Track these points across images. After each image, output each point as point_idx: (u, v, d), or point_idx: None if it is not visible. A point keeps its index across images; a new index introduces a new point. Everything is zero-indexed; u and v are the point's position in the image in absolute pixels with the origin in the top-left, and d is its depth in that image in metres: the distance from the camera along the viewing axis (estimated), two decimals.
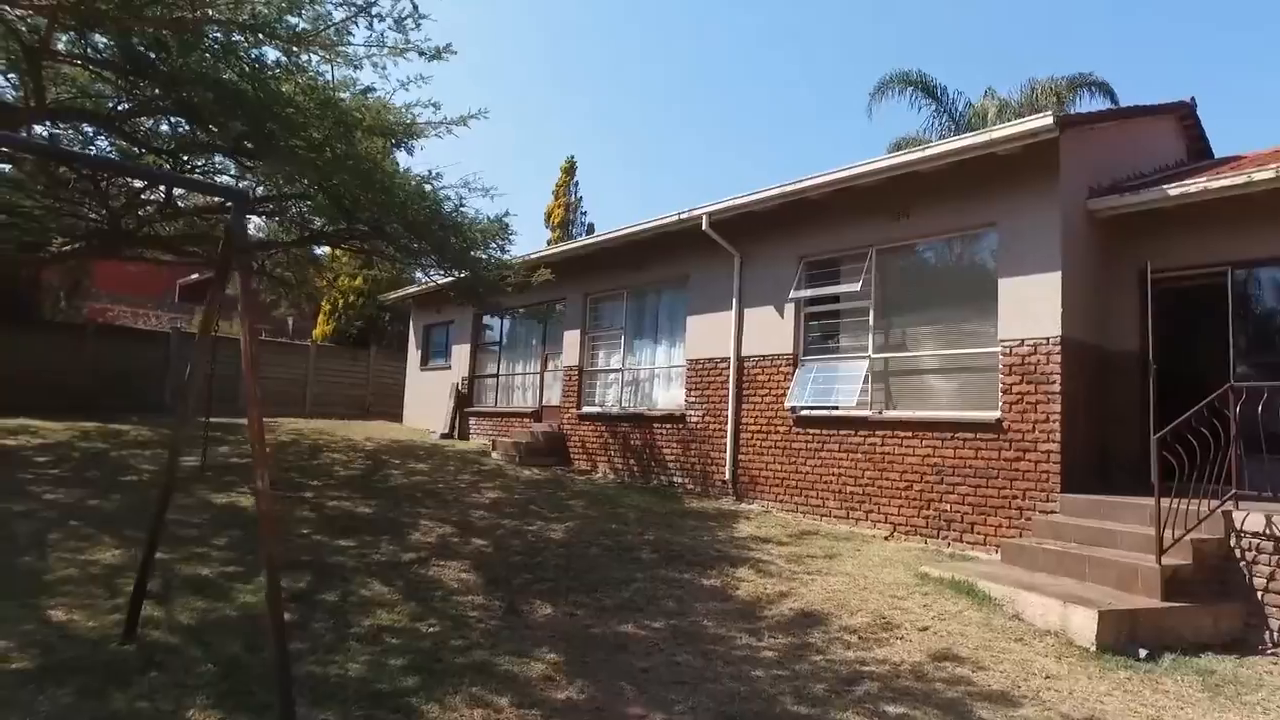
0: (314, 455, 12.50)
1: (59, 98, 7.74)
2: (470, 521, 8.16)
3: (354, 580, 5.77)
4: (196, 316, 24.56)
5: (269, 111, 6.23)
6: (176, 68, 5.88)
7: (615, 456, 12.52)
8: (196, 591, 5.20)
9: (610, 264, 12.93)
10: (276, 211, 11.19)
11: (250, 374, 3.37)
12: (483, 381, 17.22)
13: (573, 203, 29.56)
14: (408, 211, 8.14)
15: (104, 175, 8.85)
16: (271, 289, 15.75)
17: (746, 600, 5.83)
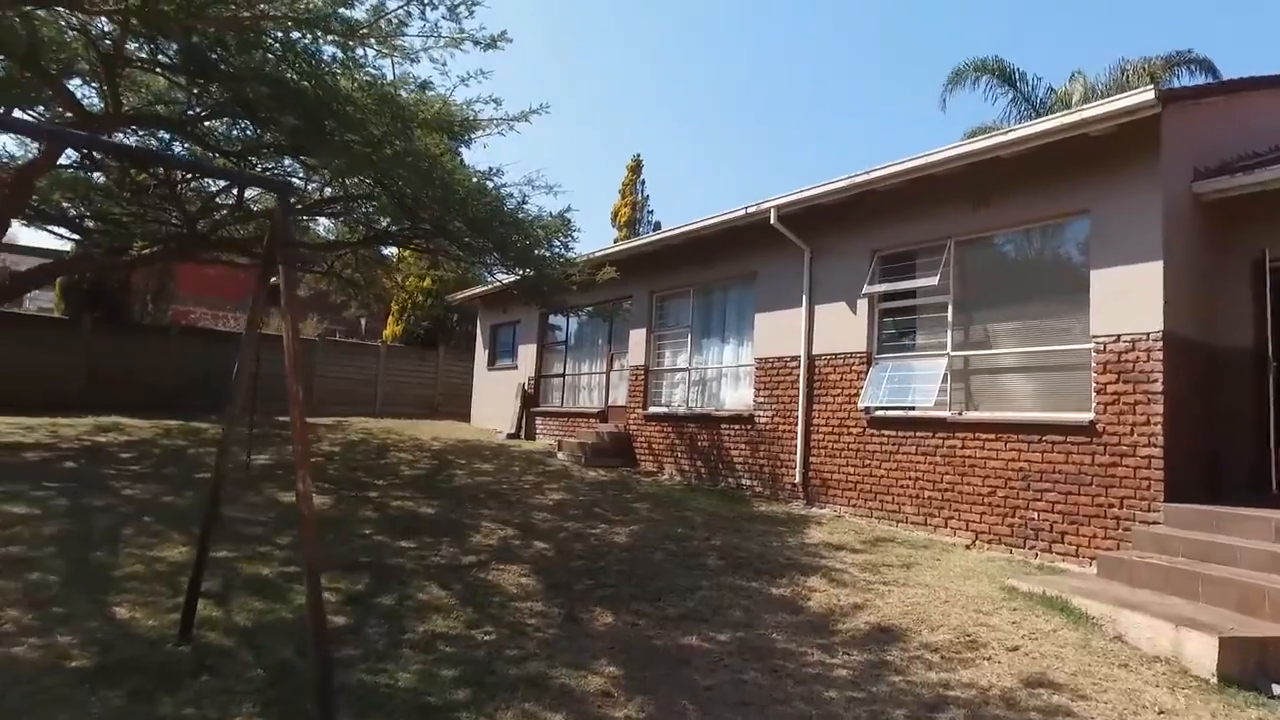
0: (381, 455, 12.61)
1: (136, 105, 7.92)
2: (533, 523, 8.02)
3: (412, 583, 5.67)
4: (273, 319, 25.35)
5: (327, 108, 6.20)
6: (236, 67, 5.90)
7: (682, 458, 12.26)
8: (255, 592, 5.16)
9: (676, 261, 12.68)
10: (343, 213, 11.31)
11: (292, 371, 3.24)
12: (549, 381, 17.18)
13: (639, 201, 29.41)
14: (468, 208, 8.06)
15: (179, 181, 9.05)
16: (341, 290, 16.03)
17: (818, 612, 5.50)
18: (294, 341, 3.28)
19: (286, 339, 3.29)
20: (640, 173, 29.85)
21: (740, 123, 64.77)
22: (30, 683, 3.62)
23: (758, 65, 61.75)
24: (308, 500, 3.21)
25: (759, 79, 62.54)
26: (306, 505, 3.21)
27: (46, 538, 6.16)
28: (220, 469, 4.34)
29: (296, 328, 3.31)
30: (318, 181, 10.06)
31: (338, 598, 5.18)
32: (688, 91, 65.04)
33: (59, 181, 10.88)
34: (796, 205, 9.96)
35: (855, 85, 59.58)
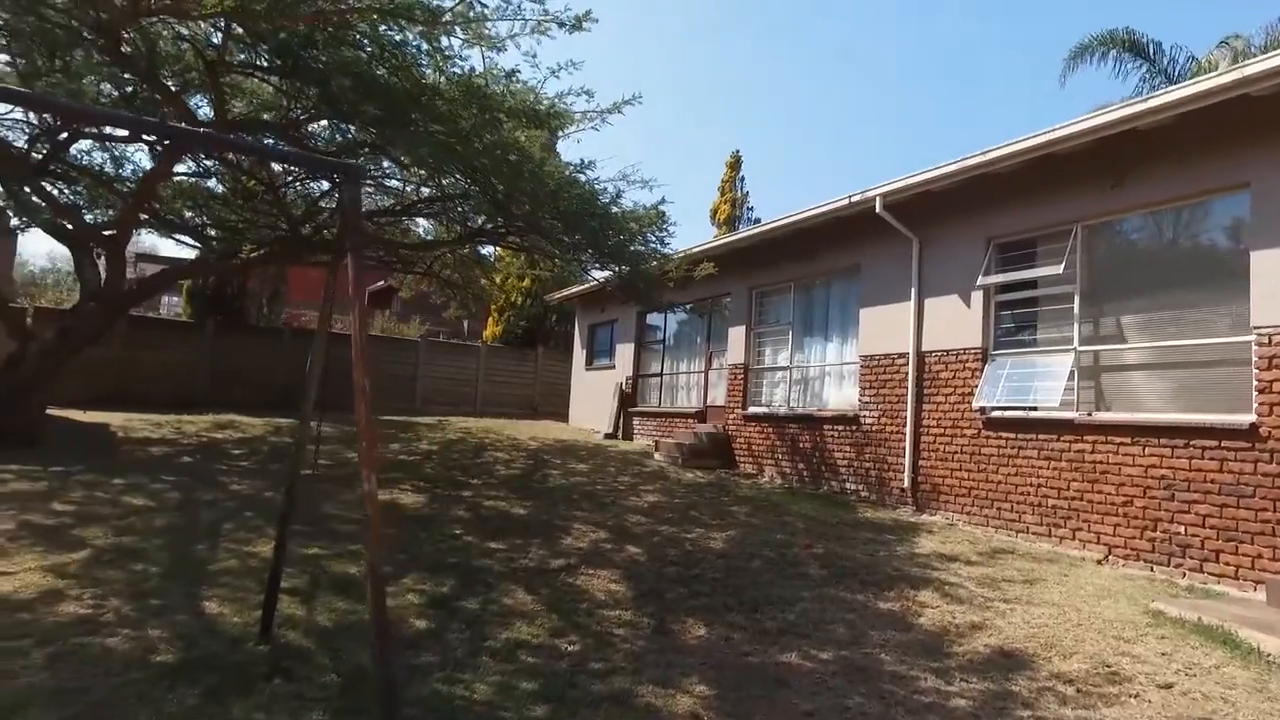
0: (478, 454, 12.69)
1: (242, 112, 8.15)
2: (626, 526, 7.78)
3: (498, 587, 5.51)
4: (378, 319, 26.19)
5: (411, 99, 6.15)
6: (324, 63, 5.92)
7: (782, 460, 11.80)
8: (341, 592, 5.10)
9: (776, 255, 12.21)
10: (440, 212, 11.42)
11: (359, 364, 3.08)
12: (646, 381, 16.98)
13: (739, 198, 28.88)
14: (559, 201, 7.89)
15: (282, 185, 9.30)
16: (440, 291, 16.31)
17: (932, 631, 5.01)
18: (361, 333, 3.13)
19: (354, 330, 3.13)
20: (739, 169, 29.32)
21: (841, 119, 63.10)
22: (117, 675, 3.62)
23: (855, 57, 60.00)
24: (373, 501, 3.05)
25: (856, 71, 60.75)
26: (372, 506, 3.04)
27: (156, 530, 6.34)
28: (296, 468, 4.27)
29: (364, 319, 3.15)
30: (415, 181, 10.16)
31: (421, 600, 5.07)
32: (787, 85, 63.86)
33: (180, 190, 11.44)
34: (904, 192, 9.35)
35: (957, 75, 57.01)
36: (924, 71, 60.90)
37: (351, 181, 3.33)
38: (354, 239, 3.20)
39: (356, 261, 3.18)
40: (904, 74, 61.76)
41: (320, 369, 4.07)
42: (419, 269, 14.94)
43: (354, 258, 3.18)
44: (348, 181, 3.32)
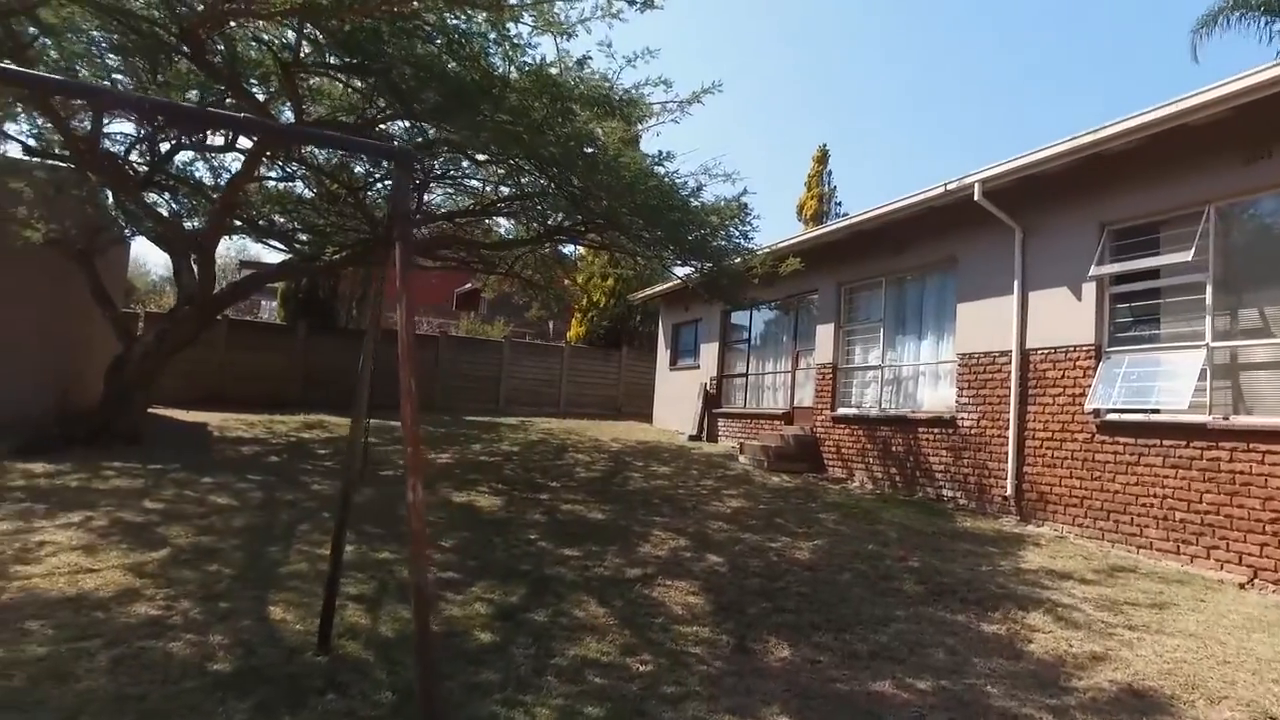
0: (558, 456, 12.55)
1: (321, 115, 8.20)
2: (707, 534, 7.43)
3: (570, 597, 5.25)
4: (463, 321, 26.59)
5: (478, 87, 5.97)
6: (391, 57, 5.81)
7: (874, 464, 11.20)
8: (407, 600, 4.92)
9: (866, 249, 11.62)
10: (519, 211, 11.33)
11: (406, 361, 2.86)
12: (731, 381, 16.56)
13: (826, 194, 28.06)
14: (636, 195, 7.60)
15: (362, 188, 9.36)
16: (522, 291, 16.31)
17: (1045, 660, 4.47)
18: (408, 329, 2.90)
19: (400, 324, 2.91)
20: (826, 163, 28.49)
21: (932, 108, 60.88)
22: (173, 684, 3.52)
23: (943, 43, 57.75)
24: (418, 513, 2.81)
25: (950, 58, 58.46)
26: (417, 518, 2.80)
27: (235, 530, 6.38)
28: (351, 473, 4.10)
29: (412, 311, 2.92)
30: (493, 181, 10.08)
31: (489, 610, 4.85)
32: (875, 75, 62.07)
33: (270, 196, 11.73)
34: (1006, 177, 8.67)
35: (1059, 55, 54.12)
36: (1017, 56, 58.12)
37: (401, 166, 3.12)
38: (402, 226, 2.98)
39: (404, 250, 2.95)
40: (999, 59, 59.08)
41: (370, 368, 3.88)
42: (501, 269, 14.96)
43: (401, 247, 2.96)
44: (398, 166, 3.11)
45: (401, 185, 3.10)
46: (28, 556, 5.34)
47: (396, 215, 3.07)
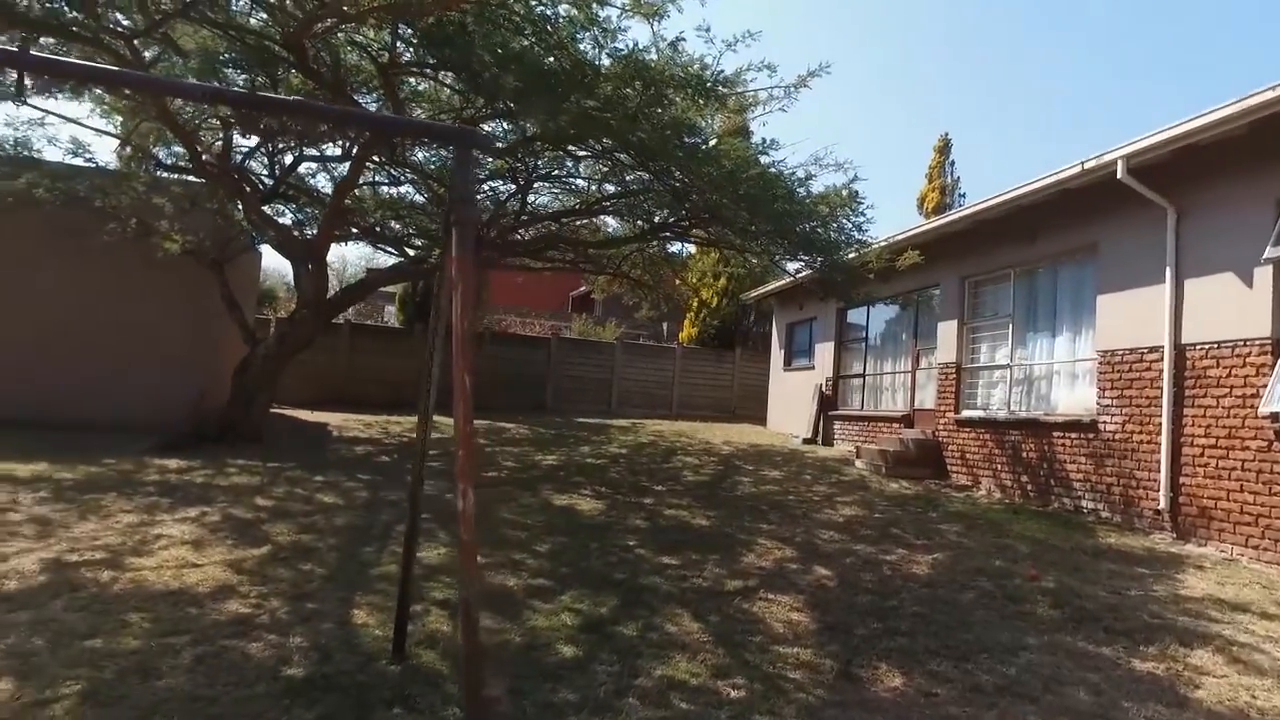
0: (667, 458, 12.30)
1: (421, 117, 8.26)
2: (816, 544, 6.96)
3: (663, 610, 4.94)
4: (575, 323, 26.78)
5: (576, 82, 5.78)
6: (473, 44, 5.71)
7: (1002, 470, 10.33)
8: (492, 606, 4.76)
9: (992, 239, 10.75)
10: (625, 210, 11.15)
11: (460, 357, 2.64)
12: (847, 382, 15.83)
13: (949, 185, 26.62)
14: (738, 184, 7.21)
15: None
16: (632, 291, 16.17)
17: (1219, 712, 3.79)
18: (464, 321, 2.68)
19: (455, 315, 2.70)
20: (949, 153, 27.01)
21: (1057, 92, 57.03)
22: (246, 687, 3.45)
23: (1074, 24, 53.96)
24: (468, 523, 2.57)
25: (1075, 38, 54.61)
26: (466, 529, 2.56)
27: (335, 528, 6.44)
28: (417, 475, 3.94)
29: (469, 302, 2.70)
30: (597, 179, 9.94)
31: (575, 621, 4.61)
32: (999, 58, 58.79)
33: (381, 202, 12.05)
34: (1156, 151, 7.73)
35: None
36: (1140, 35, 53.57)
37: (463, 147, 2.90)
38: (463, 211, 2.76)
39: (463, 235, 2.73)
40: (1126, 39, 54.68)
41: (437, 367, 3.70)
42: (609, 269, 14.86)
43: (460, 232, 2.74)
44: (457, 148, 2.90)
45: (462, 167, 2.88)
46: (143, 549, 5.53)
47: (456, 199, 2.85)
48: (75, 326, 11.60)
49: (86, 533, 5.85)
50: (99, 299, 11.64)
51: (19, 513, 6.38)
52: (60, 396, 11.26)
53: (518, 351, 20.07)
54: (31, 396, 11.13)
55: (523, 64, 5.67)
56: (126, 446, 9.55)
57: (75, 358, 11.51)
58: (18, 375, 11.28)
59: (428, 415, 3.91)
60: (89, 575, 4.89)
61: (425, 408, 3.87)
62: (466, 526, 2.56)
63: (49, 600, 4.46)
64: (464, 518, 2.57)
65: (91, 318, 11.66)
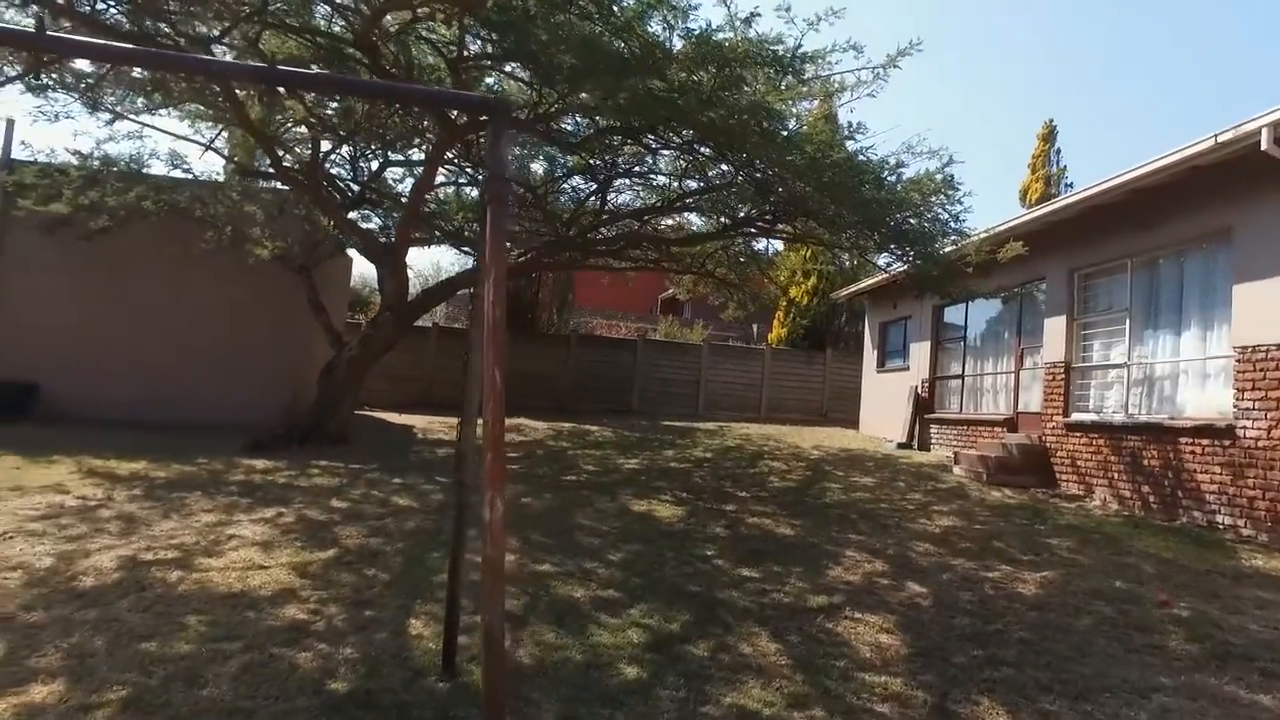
0: (753, 463, 11.85)
1: None
2: (909, 557, 6.42)
3: (739, 628, 4.56)
4: (662, 325, 26.52)
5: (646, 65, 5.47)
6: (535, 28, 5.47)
7: (1120, 480, 9.43)
8: (556, 619, 4.49)
9: (1105, 227, 9.86)
10: (707, 206, 10.79)
11: (491, 348, 2.36)
12: (945, 384, 14.97)
13: (1054, 175, 25.06)
14: (821, 171, 6.74)
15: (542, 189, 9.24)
16: (717, 290, 15.76)
17: None
18: (497, 304, 2.39)
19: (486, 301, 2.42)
20: (1054, 141, 25.44)
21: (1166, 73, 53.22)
22: (286, 700, 3.29)
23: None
24: (495, 537, 2.27)
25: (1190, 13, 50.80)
26: (493, 544, 2.27)
27: (405, 532, 6.32)
28: (462, 480, 3.69)
29: (501, 286, 2.41)
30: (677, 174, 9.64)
31: (642, 638, 4.28)
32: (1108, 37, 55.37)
33: (462, 204, 12.07)
34: None
35: None
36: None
37: (498, 118, 2.63)
38: (497, 187, 2.48)
39: (496, 213, 2.45)
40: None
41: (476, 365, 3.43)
42: (694, 269, 14.50)
43: (494, 209, 2.46)
44: (492, 120, 2.62)
45: (498, 141, 2.61)
46: (214, 549, 5.52)
47: (492, 175, 2.57)
48: (180, 331, 12.11)
49: (165, 531, 5.91)
50: (200, 304, 12.13)
51: (110, 509, 6.54)
52: (168, 399, 11.75)
53: (603, 354, 19.95)
54: (144, 399, 11.67)
55: (579, 43, 5.40)
56: (222, 447, 9.80)
57: (181, 361, 12.02)
58: (131, 379, 11.85)
59: (472, 417, 3.65)
60: (158, 575, 4.89)
61: (470, 410, 3.62)
62: (493, 541, 2.27)
63: (117, 599, 4.46)
64: (490, 531, 2.28)
65: (194, 323, 12.15)
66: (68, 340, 11.96)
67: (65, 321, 12.00)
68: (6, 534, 5.72)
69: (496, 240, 2.45)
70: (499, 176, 2.52)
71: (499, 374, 2.39)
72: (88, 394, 11.72)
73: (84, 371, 11.86)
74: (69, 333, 11.98)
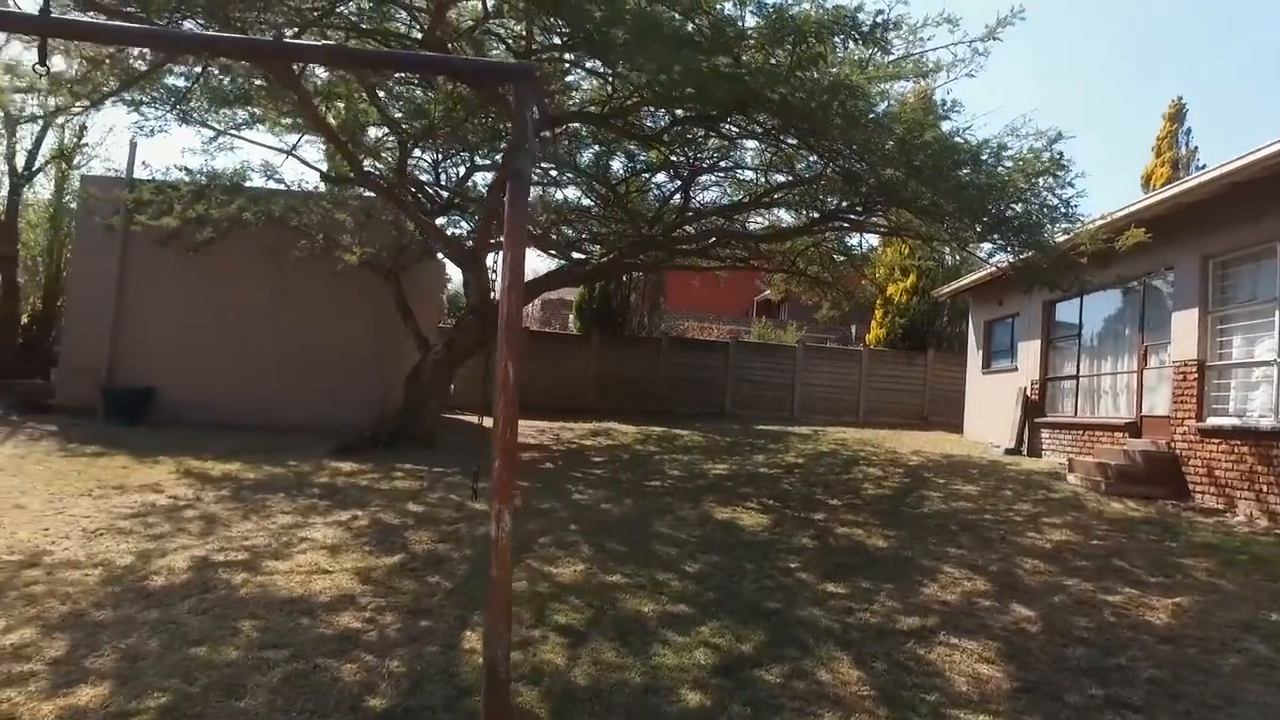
0: (847, 469, 11.27)
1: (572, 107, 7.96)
2: (1015, 575, 5.81)
3: (818, 650, 4.14)
4: (755, 326, 25.91)
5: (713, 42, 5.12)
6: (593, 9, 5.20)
7: (1269, 492, 8.39)
8: (619, 635, 4.19)
9: (1246, 207, 8.81)
10: (795, 201, 10.31)
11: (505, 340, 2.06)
12: (1057, 385, 13.89)
13: (1183, 158, 23.07)
14: (911, 154, 6.19)
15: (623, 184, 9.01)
16: (810, 289, 15.16)
17: None
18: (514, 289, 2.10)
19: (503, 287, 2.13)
20: (1182, 121, 23.42)
21: None
22: (320, 716, 3.11)
23: None
24: (501, 557, 2.02)
25: None
26: (499, 564, 2.03)
27: (473, 538, 6.14)
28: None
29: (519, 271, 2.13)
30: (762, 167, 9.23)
31: (710, 660, 3.93)
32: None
33: (547, 206, 11.99)
34: None
35: None
36: None
37: (524, 85, 2.35)
38: (518, 161, 2.20)
39: (516, 190, 2.17)
40: None
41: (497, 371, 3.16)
42: (785, 267, 13.98)
43: (513, 185, 2.18)
44: (516, 87, 2.34)
45: (522, 112, 2.33)
46: (284, 551, 5.50)
47: (512, 146, 2.30)
48: (281, 337, 12.53)
49: (241, 533, 5.95)
50: (299, 311, 12.51)
51: (196, 510, 6.68)
52: (269, 402, 12.15)
53: (695, 356, 19.62)
54: (248, 402, 12.11)
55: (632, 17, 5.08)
56: (314, 449, 10.00)
57: (281, 366, 12.43)
58: (236, 384, 12.34)
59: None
60: (224, 577, 4.87)
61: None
62: (498, 561, 2.02)
63: (179, 601, 4.44)
64: (495, 549, 2.01)
65: (293, 328, 12.54)
66: (179, 347, 12.54)
67: (177, 329, 12.59)
68: (99, 531, 5.89)
69: (515, 220, 2.17)
70: (519, 150, 2.24)
71: (512, 369, 2.10)
72: (198, 398, 12.24)
73: (194, 377, 12.40)
74: (180, 340, 12.56)
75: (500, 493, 2.08)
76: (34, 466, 8.37)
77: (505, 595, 1.99)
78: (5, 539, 5.58)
